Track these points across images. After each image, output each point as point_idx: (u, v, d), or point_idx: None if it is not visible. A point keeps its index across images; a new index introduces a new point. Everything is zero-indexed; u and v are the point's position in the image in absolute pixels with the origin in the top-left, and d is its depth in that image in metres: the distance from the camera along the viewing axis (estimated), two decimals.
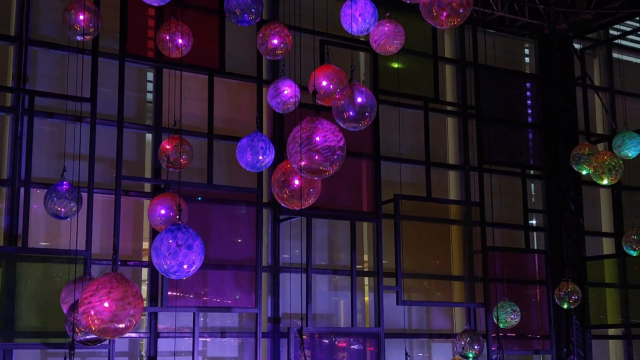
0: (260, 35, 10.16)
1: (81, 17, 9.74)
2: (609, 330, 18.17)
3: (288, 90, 10.26)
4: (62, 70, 12.80)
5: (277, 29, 10.09)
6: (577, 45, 18.45)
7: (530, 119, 18.03)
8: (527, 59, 18.35)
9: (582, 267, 17.25)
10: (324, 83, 9.29)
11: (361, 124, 8.27)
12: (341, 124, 8.40)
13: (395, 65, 16.11)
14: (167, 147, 11.15)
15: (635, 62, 19.33)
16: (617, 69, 18.76)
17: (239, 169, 14.31)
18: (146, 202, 13.76)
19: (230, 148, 14.45)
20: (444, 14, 7.28)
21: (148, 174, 13.84)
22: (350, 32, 9.56)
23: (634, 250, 13.87)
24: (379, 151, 15.33)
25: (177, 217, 7.40)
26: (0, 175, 12.74)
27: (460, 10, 7.29)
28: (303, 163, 6.79)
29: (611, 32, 18.90)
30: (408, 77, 16.20)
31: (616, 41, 19.03)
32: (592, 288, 17.62)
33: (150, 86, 14.16)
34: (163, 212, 10.27)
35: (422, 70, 16.47)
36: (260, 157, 9.49)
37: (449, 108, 17.10)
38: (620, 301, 18.08)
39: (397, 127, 15.00)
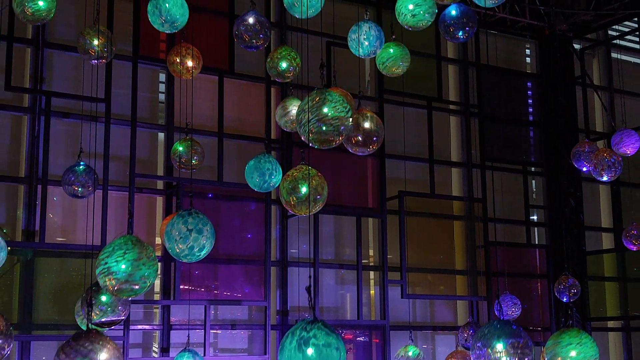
0: (269, 59, 10.19)
1: (95, 42, 9.84)
2: (609, 322, 18.24)
3: (295, 109, 10.33)
4: (77, 72, 12.96)
5: (285, 53, 10.13)
6: (576, 46, 18.50)
7: (531, 117, 18.10)
8: (528, 59, 18.42)
9: (582, 261, 17.33)
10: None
11: (369, 148, 8.33)
12: (349, 148, 8.46)
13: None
14: (180, 148, 11.22)
15: (633, 62, 19.39)
16: (615, 69, 18.77)
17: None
18: (159, 199, 13.92)
19: (240, 146, 14.59)
20: None
21: (160, 171, 13.98)
22: (358, 55, 9.61)
23: (635, 246, 13.92)
24: (383, 149, 15.37)
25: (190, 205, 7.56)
26: (18, 174, 12.92)
27: None
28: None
29: (610, 32, 18.96)
30: (412, 77, 16.26)
31: (615, 41, 19.09)
32: (592, 282, 17.70)
33: (162, 87, 14.28)
34: None
35: (425, 71, 16.53)
36: (267, 179, 9.54)
37: (451, 107, 17.16)
38: (619, 294, 18.17)
39: (402, 126, 15.09)
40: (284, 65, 10.06)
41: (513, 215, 17.20)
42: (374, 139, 8.26)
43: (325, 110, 6.64)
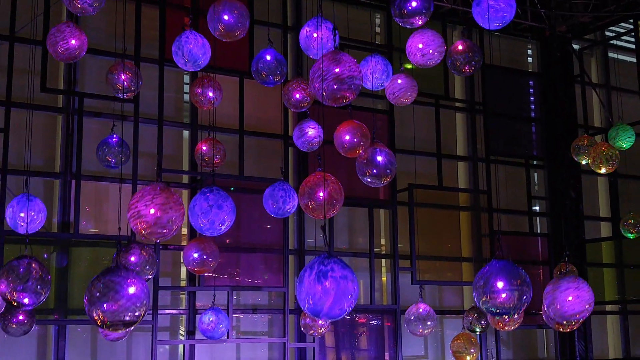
0: (284, 91, 10.21)
1: (122, 77, 10.00)
2: (607, 306, 18.26)
3: (312, 131, 10.34)
4: None
5: (298, 86, 10.12)
6: (575, 46, 18.50)
7: (532, 114, 18.08)
8: (529, 59, 18.43)
9: (581, 249, 17.34)
10: (347, 137, 9.33)
11: (383, 181, 8.38)
12: (364, 180, 8.47)
13: (409, 67, 16.23)
14: (204, 148, 11.23)
15: (629, 61, 19.33)
16: (612, 67, 18.88)
17: (268, 161, 14.63)
18: (184, 192, 14.05)
19: (259, 143, 14.72)
20: None
21: (185, 166, 14.16)
22: (368, 87, 9.60)
23: (631, 233, 13.94)
24: (394, 144, 15.48)
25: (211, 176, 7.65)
26: (54, 169, 13.16)
27: None
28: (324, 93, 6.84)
29: (607, 33, 18.96)
30: (421, 76, 16.26)
31: (611, 42, 19.13)
32: (591, 268, 17.71)
33: (187, 88, 14.42)
34: (196, 255, 10.14)
35: (433, 71, 16.39)
36: (281, 205, 9.60)
37: (458, 105, 17.20)
38: (616, 280, 18.19)
39: (411, 123, 15.21)
40: (297, 96, 10.05)
41: (516, 206, 17.28)
42: (388, 171, 8.27)
43: (337, 70, 6.71)
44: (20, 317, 9.72)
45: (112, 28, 11.88)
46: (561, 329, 8.97)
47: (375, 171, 8.23)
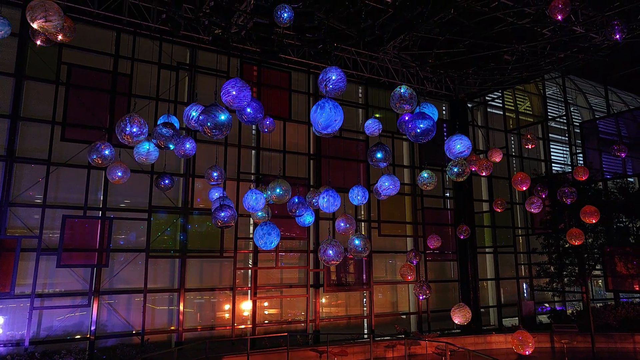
0: (309, 194, 9.23)
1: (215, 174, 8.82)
2: (486, 249, 18.13)
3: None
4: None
5: (320, 192, 9.29)
6: (469, 105, 18.35)
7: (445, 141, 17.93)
8: (444, 112, 18.26)
9: (472, 217, 17.18)
10: (342, 224, 9.02)
11: (363, 255, 8.05)
12: (349, 252, 8.02)
13: (378, 115, 16.12)
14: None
15: (498, 113, 19.23)
16: (489, 117, 18.75)
17: (299, 168, 14.39)
18: (251, 185, 13.84)
19: (292, 157, 14.50)
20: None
21: (253, 170, 13.92)
22: (354, 203, 9.09)
23: (499, 209, 13.81)
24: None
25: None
26: (180, 171, 12.94)
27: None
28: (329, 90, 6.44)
29: (486, 98, 18.84)
30: (386, 121, 16.23)
31: (489, 102, 18.97)
32: (478, 228, 17.59)
33: (252, 131, 14.21)
34: (259, 214, 9.24)
35: (391, 118, 16.43)
36: (302, 219, 9.02)
37: (404, 137, 16.99)
38: (492, 234, 18.05)
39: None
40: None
41: (437, 193, 17.06)
42: (366, 249, 7.85)
43: (334, 77, 6.32)
44: (167, 181, 8.94)
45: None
46: (459, 179, 8.57)
47: (358, 249, 7.85)
